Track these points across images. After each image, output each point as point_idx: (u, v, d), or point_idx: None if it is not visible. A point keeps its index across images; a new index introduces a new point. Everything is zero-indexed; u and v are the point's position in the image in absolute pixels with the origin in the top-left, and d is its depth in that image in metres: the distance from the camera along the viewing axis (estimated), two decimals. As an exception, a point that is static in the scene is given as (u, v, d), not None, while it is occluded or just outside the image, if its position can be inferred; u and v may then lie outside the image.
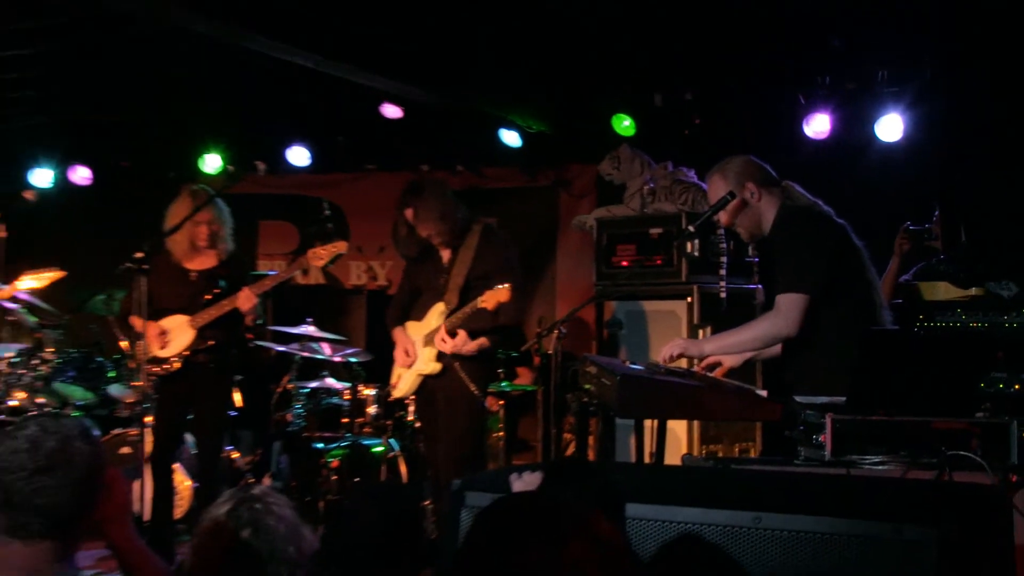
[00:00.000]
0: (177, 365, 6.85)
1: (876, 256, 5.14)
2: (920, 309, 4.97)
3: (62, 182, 10.73)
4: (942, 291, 5.91)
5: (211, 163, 9.92)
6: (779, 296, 4.80)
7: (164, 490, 7.00)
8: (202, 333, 6.85)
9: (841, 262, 4.90)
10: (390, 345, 6.81)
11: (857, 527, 2.76)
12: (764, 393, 4.80)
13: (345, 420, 8.10)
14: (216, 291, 6.88)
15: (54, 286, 7.71)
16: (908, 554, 2.67)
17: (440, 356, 6.43)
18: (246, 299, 6.76)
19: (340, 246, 7.05)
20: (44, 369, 8.55)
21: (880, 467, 3.71)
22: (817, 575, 2.79)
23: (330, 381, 8.34)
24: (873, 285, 5.04)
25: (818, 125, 7.67)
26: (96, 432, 2.89)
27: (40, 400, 8.42)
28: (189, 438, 7.58)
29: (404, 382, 6.72)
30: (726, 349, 5.03)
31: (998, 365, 3.91)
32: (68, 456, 2.66)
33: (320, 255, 6.96)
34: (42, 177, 10.64)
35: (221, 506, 2.82)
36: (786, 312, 4.75)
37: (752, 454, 6.60)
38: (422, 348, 6.55)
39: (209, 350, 6.91)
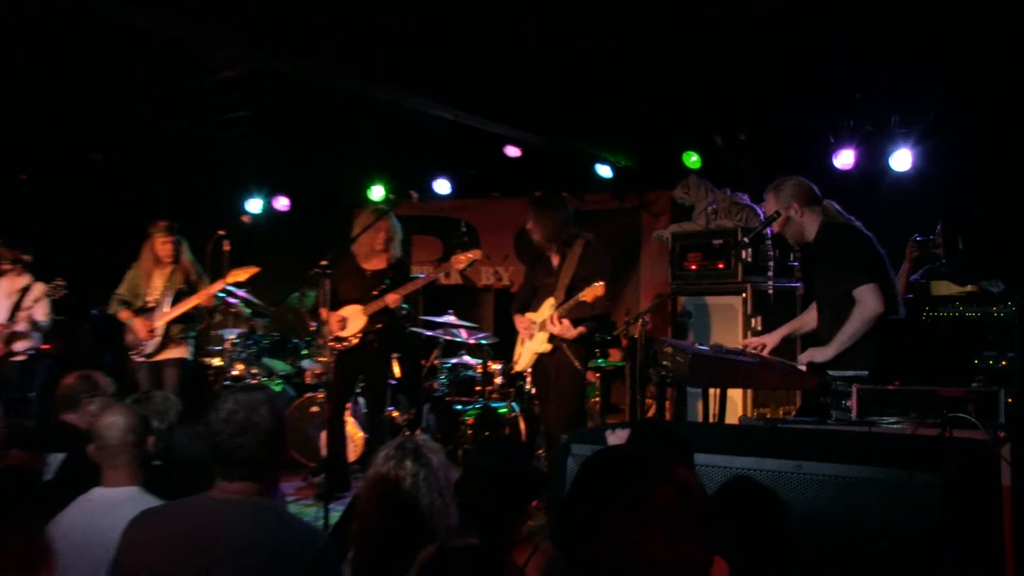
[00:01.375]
0: (354, 342, 6.95)
1: (891, 260, 5.06)
2: (927, 302, 4.85)
3: (268, 209, 10.93)
4: (944, 288, 5.79)
5: (377, 192, 10.02)
6: (855, 291, 4.70)
7: (338, 437, 7.09)
8: (372, 319, 6.95)
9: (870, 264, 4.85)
10: (512, 331, 6.81)
11: (877, 473, 2.75)
12: (803, 368, 4.74)
13: (478, 388, 8.15)
14: (383, 287, 6.96)
15: (262, 286, 7.87)
16: (918, 494, 2.66)
17: (551, 338, 6.44)
18: (393, 300, 6.85)
19: (476, 253, 7.08)
20: (256, 347, 8.78)
21: (895, 426, 3.66)
22: (846, 510, 2.78)
23: (466, 358, 8.42)
24: (892, 283, 4.96)
25: (844, 159, 7.53)
26: (282, 400, 2.97)
27: (254, 371, 8.64)
28: (362, 400, 7.69)
29: (523, 359, 6.71)
30: (841, 347, 4.77)
31: (989, 346, 3.82)
32: (254, 423, 2.72)
33: (460, 260, 6.99)
34: (254, 205, 10.84)
35: (388, 454, 2.88)
36: (867, 300, 4.66)
37: (792, 415, 6.51)
38: (537, 332, 6.56)
39: (376, 332, 6.99)
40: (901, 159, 7.39)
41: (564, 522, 1.99)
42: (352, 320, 6.94)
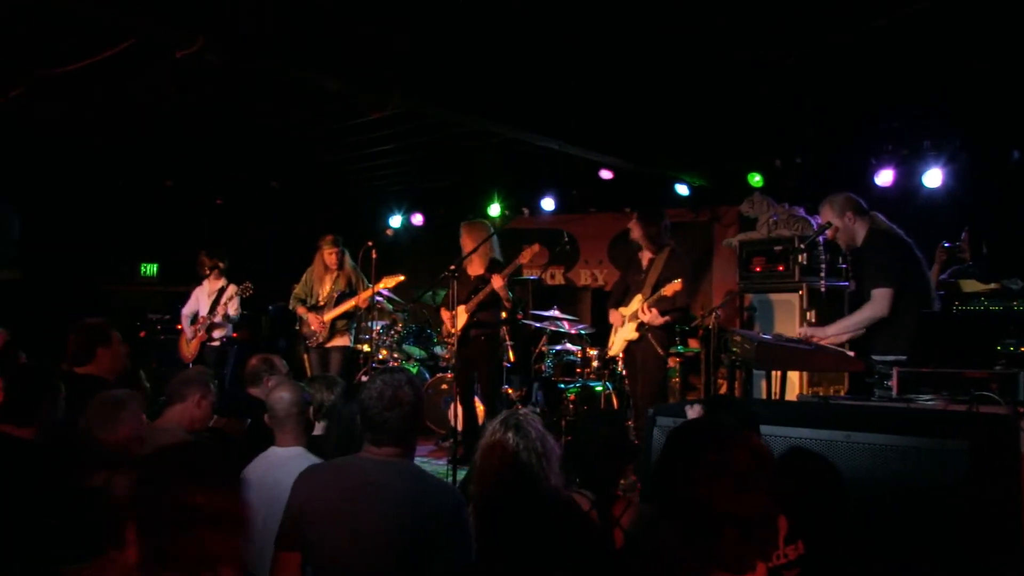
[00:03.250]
0: (458, 335, 6.95)
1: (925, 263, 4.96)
2: (957, 297, 4.74)
3: (407, 224, 11.11)
4: (971, 286, 5.61)
5: (494, 210, 10.11)
6: (873, 291, 4.64)
7: (469, 410, 7.19)
8: (471, 314, 6.98)
9: (908, 267, 4.73)
10: (607, 323, 6.83)
11: (914, 441, 2.72)
12: (851, 353, 4.66)
13: (578, 370, 8.15)
14: (480, 288, 7.02)
15: (402, 286, 8.00)
16: (949, 460, 2.62)
17: (639, 327, 6.44)
18: (497, 280, 6.81)
19: (535, 247, 6.81)
20: (397, 336, 8.95)
21: (929, 402, 3.58)
22: (887, 473, 2.75)
23: (568, 345, 8.42)
24: (928, 282, 4.86)
25: (884, 177, 7.41)
26: (419, 380, 3.03)
27: (395, 355, 8.79)
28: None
29: (615, 345, 6.73)
30: (841, 331, 4.82)
31: (1009, 334, 3.71)
32: (399, 399, 2.77)
33: (525, 255, 6.80)
34: (395, 221, 11.03)
35: (495, 426, 2.93)
36: (880, 301, 4.61)
37: (842, 393, 6.37)
38: (627, 323, 6.57)
39: (478, 325, 7.03)
40: (932, 177, 7.27)
41: (657, 481, 2.00)
42: (459, 318, 7.02)
